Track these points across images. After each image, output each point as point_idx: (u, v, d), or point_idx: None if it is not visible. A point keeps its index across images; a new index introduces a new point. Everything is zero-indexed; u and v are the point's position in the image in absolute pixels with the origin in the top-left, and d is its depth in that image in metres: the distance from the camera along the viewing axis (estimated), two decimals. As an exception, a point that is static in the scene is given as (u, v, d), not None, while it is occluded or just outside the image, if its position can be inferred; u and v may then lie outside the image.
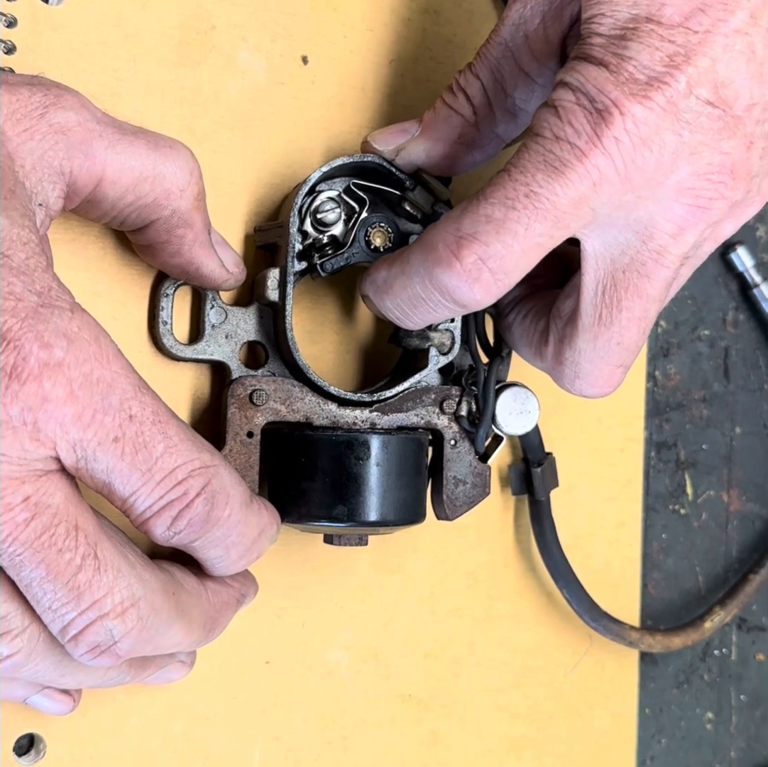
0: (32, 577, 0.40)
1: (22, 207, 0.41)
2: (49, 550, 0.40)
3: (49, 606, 0.40)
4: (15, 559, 0.39)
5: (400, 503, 0.50)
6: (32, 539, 0.39)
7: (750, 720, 0.68)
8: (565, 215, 0.43)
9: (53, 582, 0.40)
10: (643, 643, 0.62)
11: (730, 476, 0.67)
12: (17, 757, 0.49)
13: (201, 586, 0.46)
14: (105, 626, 0.41)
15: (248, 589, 0.49)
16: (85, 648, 0.41)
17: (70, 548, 0.40)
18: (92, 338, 0.40)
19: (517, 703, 0.61)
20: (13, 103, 0.42)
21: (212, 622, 0.47)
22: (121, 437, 0.40)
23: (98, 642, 0.41)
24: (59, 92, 0.43)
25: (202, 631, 0.46)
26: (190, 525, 0.42)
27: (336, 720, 0.57)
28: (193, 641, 0.46)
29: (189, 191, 0.46)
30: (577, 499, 0.62)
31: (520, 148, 0.45)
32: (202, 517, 0.42)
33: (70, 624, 0.40)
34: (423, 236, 0.47)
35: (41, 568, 0.39)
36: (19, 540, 0.39)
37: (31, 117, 0.42)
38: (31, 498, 0.39)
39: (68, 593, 0.40)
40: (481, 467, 0.53)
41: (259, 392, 0.50)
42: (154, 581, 0.43)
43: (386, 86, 0.56)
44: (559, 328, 0.49)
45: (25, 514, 0.39)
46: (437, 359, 0.52)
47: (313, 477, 0.49)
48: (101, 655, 0.41)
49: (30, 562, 0.39)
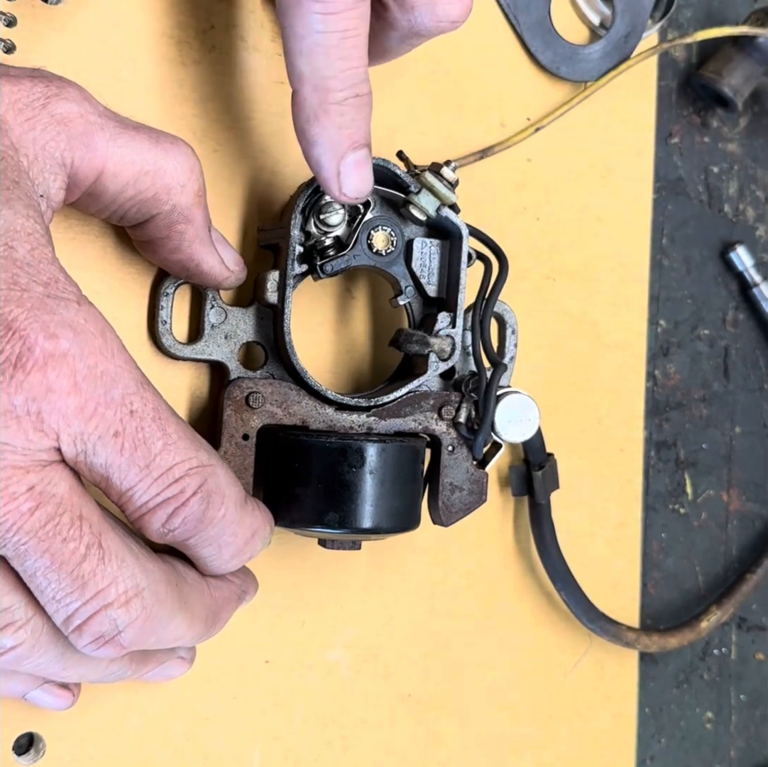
0: (37, 566, 0.40)
1: (26, 198, 0.41)
2: (54, 539, 0.39)
3: (53, 596, 0.40)
4: (20, 548, 0.39)
5: (393, 510, 0.50)
6: (37, 528, 0.39)
7: (750, 720, 0.68)
8: None
9: (58, 571, 0.40)
10: (639, 643, 0.62)
11: (730, 475, 0.67)
12: (17, 756, 0.49)
13: (203, 580, 0.47)
14: (109, 615, 0.41)
15: (249, 586, 0.49)
16: (89, 638, 0.41)
17: (74, 537, 0.40)
18: (98, 331, 0.40)
19: (517, 703, 0.61)
20: (15, 93, 0.42)
21: (213, 616, 0.47)
22: (121, 432, 0.40)
23: (102, 632, 0.41)
24: (61, 84, 0.43)
25: (203, 625, 0.46)
26: (185, 523, 0.42)
27: (336, 720, 0.56)
28: (194, 635, 0.46)
29: (190, 187, 0.46)
30: (577, 499, 0.62)
31: None
32: (197, 516, 0.42)
33: (75, 613, 0.40)
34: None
35: (46, 557, 0.39)
36: (24, 529, 0.39)
37: (33, 107, 0.42)
38: (35, 488, 0.39)
39: (72, 582, 0.40)
40: (478, 473, 0.53)
41: (255, 394, 0.50)
42: (158, 572, 0.43)
43: (386, 86, 0.56)
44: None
45: (30, 503, 0.39)
46: (437, 364, 0.52)
47: (306, 483, 0.49)
48: (105, 645, 0.41)
49: (35, 551, 0.39)
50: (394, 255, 0.52)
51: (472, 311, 0.53)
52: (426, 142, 0.57)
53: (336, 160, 0.46)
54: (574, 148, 0.61)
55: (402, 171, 0.51)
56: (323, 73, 0.45)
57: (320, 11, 0.44)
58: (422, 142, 0.57)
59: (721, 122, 0.66)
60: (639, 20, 0.60)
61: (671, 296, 0.64)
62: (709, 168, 0.65)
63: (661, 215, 0.64)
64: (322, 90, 0.46)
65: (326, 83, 0.45)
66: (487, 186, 0.59)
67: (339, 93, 0.46)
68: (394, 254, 0.52)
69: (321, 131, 0.46)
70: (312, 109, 0.46)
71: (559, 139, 0.60)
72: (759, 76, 0.63)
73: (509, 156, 0.59)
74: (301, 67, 0.46)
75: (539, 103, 0.60)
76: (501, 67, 0.59)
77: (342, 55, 0.45)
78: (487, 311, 0.53)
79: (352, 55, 0.45)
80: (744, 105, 0.64)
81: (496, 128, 0.59)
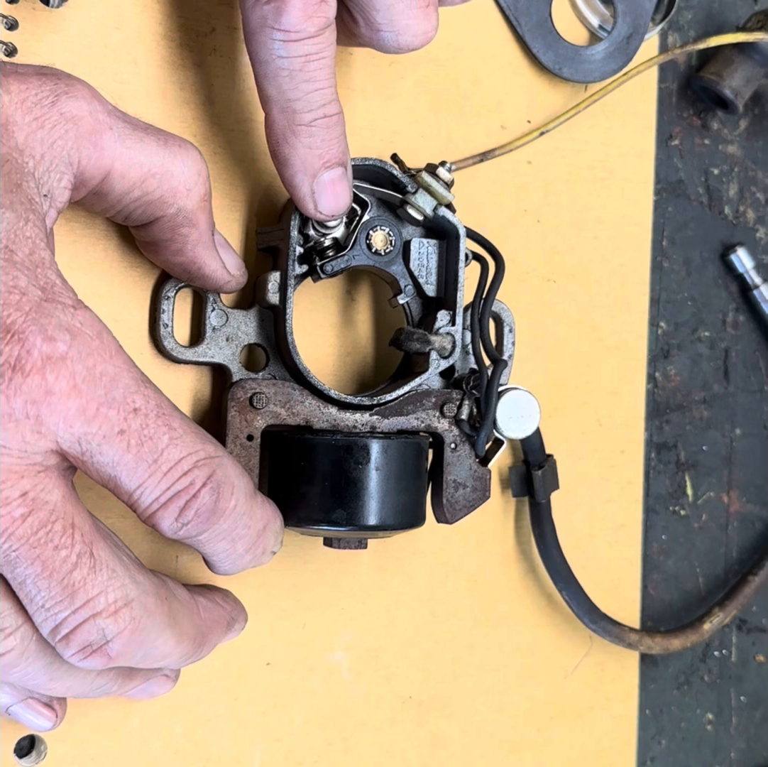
0: (27, 574, 0.39)
1: (28, 201, 0.40)
2: (45, 547, 0.39)
3: (42, 605, 0.40)
4: (10, 555, 0.39)
5: (399, 507, 0.50)
6: (28, 534, 0.39)
7: (750, 721, 0.68)
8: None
9: (48, 579, 0.39)
10: (642, 645, 0.62)
11: (731, 477, 0.67)
12: (18, 759, 0.49)
13: (193, 600, 0.46)
14: (97, 625, 0.40)
15: (239, 614, 0.49)
16: (76, 647, 0.41)
17: (66, 545, 0.40)
18: (95, 334, 0.40)
19: (518, 705, 0.61)
20: (23, 92, 0.41)
21: (202, 637, 0.46)
22: (126, 430, 0.40)
23: (90, 641, 0.40)
24: (70, 81, 0.43)
25: (192, 644, 0.45)
26: (198, 516, 0.42)
27: (336, 722, 0.57)
28: (182, 653, 0.45)
29: (196, 191, 0.46)
30: (578, 500, 0.62)
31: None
32: (209, 507, 0.42)
33: (63, 622, 0.40)
34: None
35: (36, 565, 0.39)
36: (16, 536, 0.39)
37: (41, 105, 0.42)
38: (29, 494, 0.39)
39: (62, 590, 0.40)
40: (481, 470, 0.53)
41: (259, 395, 0.50)
42: (148, 584, 0.43)
43: (387, 88, 0.56)
44: (357, 3, 0.48)
45: (23, 509, 0.39)
46: (438, 362, 0.52)
47: (312, 481, 0.49)
48: (92, 655, 0.41)
49: (25, 558, 0.39)
50: (392, 255, 0.52)
51: (471, 309, 0.54)
52: (426, 145, 0.57)
53: (309, 179, 0.47)
54: (574, 150, 0.61)
55: (399, 172, 0.51)
56: (288, 96, 0.46)
57: (282, 38, 0.45)
58: (422, 145, 0.57)
59: (721, 124, 0.66)
60: (640, 21, 0.60)
61: (672, 297, 0.64)
62: (710, 170, 0.65)
63: (661, 217, 0.64)
64: (289, 112, 0.46)
65: (292, 105, 0.46)
66: (488, 188, 0.59)
67: (306, 114, 0.46)
68: (393, 254, 0.52)
69: (291, 152, 0.47)
70: (281, 131, 0.47)
71: (560, 141, 0.60)
72: (759, 78, 0.63)
73: (509, 158, 0.59)
74: (268, 91, 0.46)
75: (539, 106, 0.60)
76: (501, 70, 0.59)
77: (307, 77, 0.46)
78: (486, 308, 0.54)
79: (317, 77, 0.46)
80: (744, 107, 0.64)
81: (496, 131, 0.59)
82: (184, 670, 0.51)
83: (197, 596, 0.47)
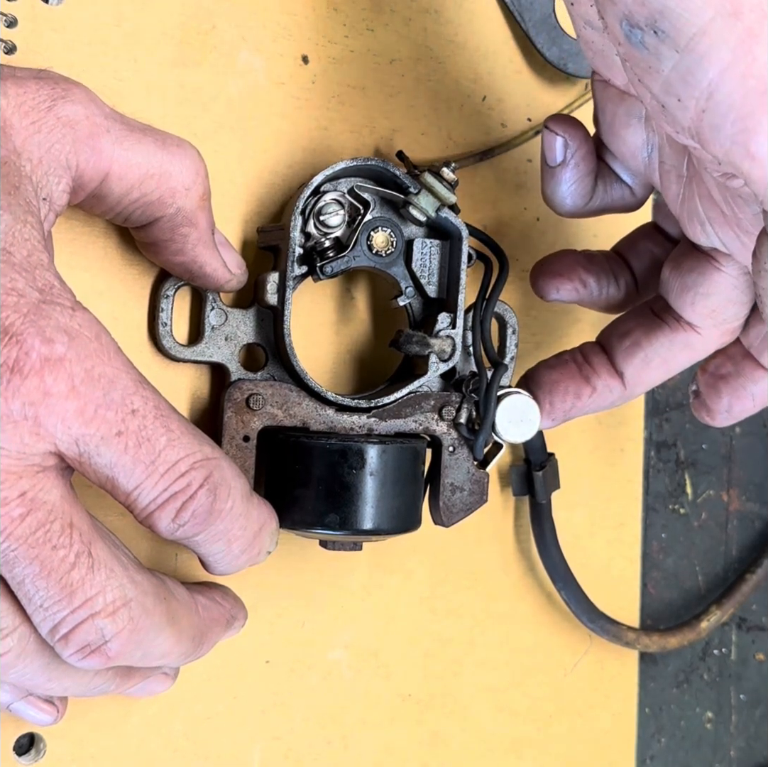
0: (25, 574, 0.39)
1: (26, 203, 0.41)
2: (44, 546, 0.39)
3: (41, 604, 0.40)
4: (9, 554, 0.39)
5: (394, 511, 0.50)
6: (27, 534, 0.39)
7: (750, 720, 0.68)
8: None
9: (46, 578, 0.39)
10: (639, 643, 0.62)
11: (730, 475, 0.67)
12: (17, 757, 0.50)
13: (192, 598, 0.46)
14: (96, 624, 0.40)
15: (238, 612, 0.49)
16: (75, 647, 0.40)
17: (64, 545, 0.40)
18: (93, 336, 0.40)
19: (517, 703, 0.61)
20: (21, 96, 0.41)
21: (201, 636, 0.46)
22: (124, 432, 0.40)
23: (88, 641, 0.40)
24: (67, 86, 0.43)
25: (190, 643, 0.45)
26: (194, 517, 0.42)
27: (336, 720, 0.57)
28: (181, 652, 0.45)
29: (194, 190, 0.46)
30: (577, 499, 0.62)
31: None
32: (206, 508, 0.42)
33: (61, 622, 0.40)
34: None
35: (35, 564, 0.39)
36: (14, 535, 0.39)
37: (38, 110, 0.42)
38: (27, 494, 0.39)
39: (60, 590, 0.40)
40: (479, 474, 0.53)
41: (255, 396, 0.50)
42: (147, 584, 0.43)
43: (387, 86, 0.56)
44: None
45: (21, 509, 0.39)
46: (437, 365, 0.52)
47: (307, 484, 0.49)
48: (90, 655, 0.41)
49: (24, 558, 0.39)
50: (394, 256, 0.52)
51: (473, 311, 0.53)
52: (426, 143, 0.57)
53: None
54: (574, 148, 0.61)
55: (401, 172, 0.51)
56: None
57: None
58: (422, 143, 0.57)
59: (721, 122, 0.66)
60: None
61: (672, 296, 0.64)
62: (710, 168, 0.65)
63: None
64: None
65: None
66: (487, 186, 0.59)
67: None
68: (394, 255, 0.52)
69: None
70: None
71: (560, 139, 0.60)
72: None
73: (510, 156, 0.59)
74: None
75: (540, 104, 0.60)
76: (501, 68, 0.59)
77: None
78: (488, 311, 0.53)
79: None
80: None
81: (496, 129, 0.59)
82: (184, 668, 0.51)
83: (196, 594, 0.47)
